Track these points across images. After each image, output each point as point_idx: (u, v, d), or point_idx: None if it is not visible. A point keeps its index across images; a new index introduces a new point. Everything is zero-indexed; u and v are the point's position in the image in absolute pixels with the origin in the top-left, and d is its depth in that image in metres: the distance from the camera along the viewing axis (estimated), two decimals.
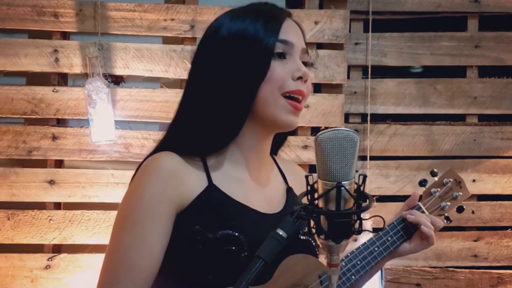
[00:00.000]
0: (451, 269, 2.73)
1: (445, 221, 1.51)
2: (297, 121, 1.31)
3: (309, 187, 1.02)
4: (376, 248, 1.41)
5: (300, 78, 1.29)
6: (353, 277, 1.37)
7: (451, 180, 1.53)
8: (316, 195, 1.01)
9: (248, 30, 1.27)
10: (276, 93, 1.27)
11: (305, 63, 1.33)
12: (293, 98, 1.29)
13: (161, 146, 1.32)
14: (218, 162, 1.31)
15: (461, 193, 1.53)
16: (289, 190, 1.42)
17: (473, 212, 2.74)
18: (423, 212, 1.47)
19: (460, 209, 1.54)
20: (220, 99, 1.27)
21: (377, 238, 1.43)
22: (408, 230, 1.44)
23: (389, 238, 1.43)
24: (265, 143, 1.36)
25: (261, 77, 1.26)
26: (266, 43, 1.26)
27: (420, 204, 1.48)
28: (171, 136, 1.33)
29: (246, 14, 1.30)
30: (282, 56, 1.28)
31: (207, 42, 1.32)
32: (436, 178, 1.53)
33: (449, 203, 1.51)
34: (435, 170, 1.54)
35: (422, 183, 1.53)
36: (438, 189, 1.51)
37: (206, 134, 1.28)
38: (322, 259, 1.30)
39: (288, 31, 1.30)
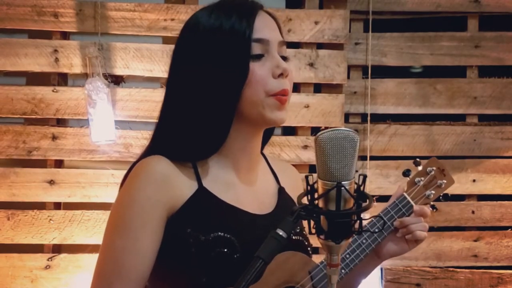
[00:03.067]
0: (451, 269, 2.73)
1: (431, 209, 1.51)
2: (285, 116, 1.29)
3: (309, 187, 1.02)
4: (364, 241, 1.41)
5: (281, 74, 1.27)
6: (342, 271, 1.37)
7: (435, 168, 1.53)
8: (316, 195, 1.01)
9: (221, 35, 1.25)
10: (261, 94, 1.25)
11: (284, 58, 1.30)
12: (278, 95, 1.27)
13: (150, 150, 1.31)
14: (208, 165, 1.30)
15: (445, 181, 1.53)
16: (280, 190, 1.41)
17: (473, 212, 2.74)
18: (408, 202, 1.47)
19: (445, 197, 1.54)
20: (203, 104, 1.26)
21: (364, 230, 1.43)
22: (395, 221, 1.44)
23: (376, 230, 1.43)
24: (254, 143, 1.34)
25: (242, 81, 1.24)
26: (242, 47, 1.24)
27: (405, 194, 1.48)
28: (159, 140, 1.32)
29: (219, 13, 1.28)
30: (259, 56, 1.26)
31: (185, 42, 1.31)
32: (419, 168, 1.53)
33: (433, 192, 1.51)
34: (417, 159, 1.53)
35: (406, 173, 1.53)
36: (422, 178, 1.51)
37: (193, 142, 1.27)
38: (322, 259, 1.30)
39: (262, 27, 1.27)
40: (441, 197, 1.54)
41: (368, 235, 1.41)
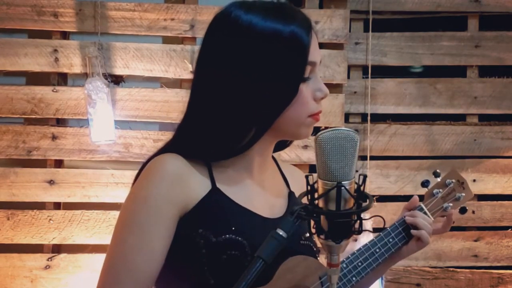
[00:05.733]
0: (451, 269, 2.73)
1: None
2: (311, 131, 1.32)
3: (309, 187, 1.02)
4: (377, 250, 1.41)
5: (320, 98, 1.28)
6: (354, 278, 1.37)
7: (454, 181, 1.53)
8: (316, 195, 1.01)
9: (280, 48, 1.22)
10: (303, 116, 1.27)
11: None
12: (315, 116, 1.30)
13: (168, 147, 1.29)
14: (222, 166, 1.29)
15: (463, 194, 1.53)
16: (290, 194, 1.41)
17: (473, 212, 2.74)
18: (425, 213, 1.47)
19: (462, 210, 1.54)
20: (241, 113, 1.24)
21: (379, 239, 1.43)
22: (410, 231, 1.44)
23: (391, 240, 1.43)
24: (270, 148, 1.35)
25: (289, 101, 1.24)
26: (298, 68, 1.24)
27: (423, 205, 1.49)
28: (180, 138, 1.30)
29: (276, 19, 1.23)
30: (307, 79, 1.26)
31: (232, 44, 1.24)
32: (438, 179, 1.53)
33: (451, 204, 1.51)
34: (437, 170, 1.54)
35: (425, 184, 1.53)
36: (441, 190, 1.52)
37: (219, 146, 1.26)
38: (323, 259, 1.30)
39: (314, 49, 1.26)
40: (458, 210, 1.54)
41: (382, 245, 1.42)
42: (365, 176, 1.02)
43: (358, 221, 1.01)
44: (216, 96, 1.25)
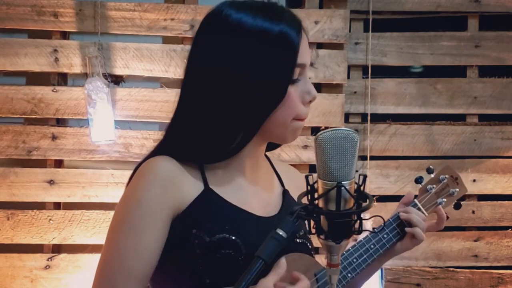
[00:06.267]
0: (451, 269, 2.73)
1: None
2: (297, 136, 1.32)
3: (309, 187, 1.02)
4: (372, 246, 1.41)
5: (309, 101, 1.27)
6: (349, 275, 1.38)
7: (447, 176, 1.53)
8: (316, 195, 1.01)
9: (269, 47, 1.21)
10: (290, 118, 1.25)
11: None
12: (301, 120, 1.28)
13: (159, 150, 1.29)
14: (214, 166, 1.29)
15: (457, 190, 1.53)
16: (285, 193, 1.40)
17: (473, 212, 2.74)
18: (419, 209, 1.47)
19: (457, 206, 1.54)
20: (229, 114, 1.23)
21: (373, 235, 1.43)
22: (404, 227, 1.45)
23: (385, 236, 1.43)
24: (262, 148, 1.35)
25: (277, 103, 1.23)
26: (286, 71, 1.22)
27: (416, 201, 1.49)
28: (169, 140, 1.30)
29: (264, 18, 1.22)
30: (296, 80, 1.25)
31: (222, 43, 1.24)
32: (432, 175, 1.54)
33: (445, 200, 1.52)
34: (431, 167, 1.54)
35: (418, 180, 1.54)
36: (434, 186, 1.52)
37: (208, 148, 1.26)
38: (322, 259, 1.30)
39: (303, 51, 1.24)
40: (453, 206, 1.54)
41: (377, 241, 1.42)
42: (365, 176, 1.02)
43: (358, 221, 1.01)
44: (204, 96, 1.25)
